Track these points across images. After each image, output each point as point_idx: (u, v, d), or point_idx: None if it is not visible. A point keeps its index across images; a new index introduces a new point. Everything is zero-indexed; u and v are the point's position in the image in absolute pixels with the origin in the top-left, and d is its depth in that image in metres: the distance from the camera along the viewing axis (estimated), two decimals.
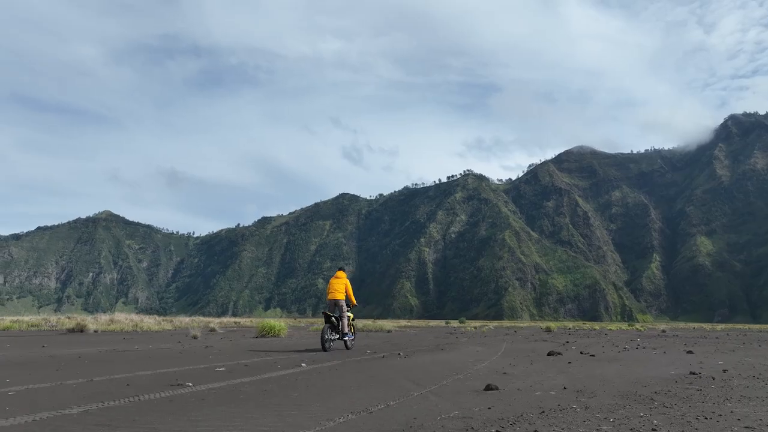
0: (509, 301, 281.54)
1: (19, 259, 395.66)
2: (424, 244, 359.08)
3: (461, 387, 7.39)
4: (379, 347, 16.02)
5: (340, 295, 14.82)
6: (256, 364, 9.93)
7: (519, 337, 25.39)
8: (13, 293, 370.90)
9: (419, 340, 21.67)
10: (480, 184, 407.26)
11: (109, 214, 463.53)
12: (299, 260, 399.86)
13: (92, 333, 22.47)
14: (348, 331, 14.80)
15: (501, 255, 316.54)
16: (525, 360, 11.91)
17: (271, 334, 21.18)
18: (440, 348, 16.10)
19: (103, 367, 9.03)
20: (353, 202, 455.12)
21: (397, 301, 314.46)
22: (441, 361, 11.64)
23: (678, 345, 19.29)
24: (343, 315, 14.64)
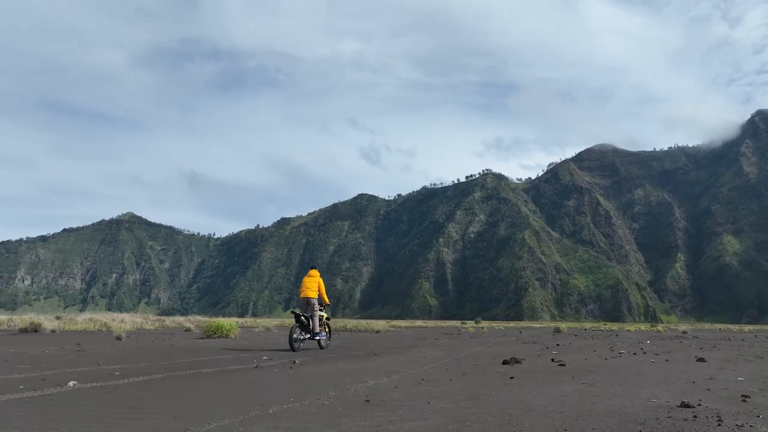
0: (529, 301, 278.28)
1: (46, 261, 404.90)
2: (443, 244, 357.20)
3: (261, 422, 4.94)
4: (317, 351, 14.28)
5: (312, 293, 14.53)
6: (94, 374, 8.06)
7: (510, 339, 23.74)
8: (40, 294, 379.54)
9: (390, 341, 20.01)
10: (499, 184, 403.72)
11: (131, 215, 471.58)
12: (318, 260, 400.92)
13: (48, 333, 20.97)
14: (320, 331, 14.43)
15: (521, 255, 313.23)
16: (458, 372, 9.20)
17: (218, 335, 19.41)
18: (384, 353, 13.90)
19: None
20: (371, 202, 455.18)
21: (416, 302, 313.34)
22: (347, 371, 9.25)
23: (691, 349, 16.80)
24: (315, 314, 14.23)
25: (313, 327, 14.13)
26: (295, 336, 13.51)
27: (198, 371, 8.80)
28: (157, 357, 11.33)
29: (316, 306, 14.42)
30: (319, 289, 14.78)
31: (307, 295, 14.56)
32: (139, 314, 28.12)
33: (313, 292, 14.61)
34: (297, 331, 13.72)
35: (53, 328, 22.56)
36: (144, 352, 12.60)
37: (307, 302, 14.49)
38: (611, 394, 6.83)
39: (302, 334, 13.98)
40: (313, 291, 14.64)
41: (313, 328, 14.12)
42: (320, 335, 14.36)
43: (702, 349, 17.05)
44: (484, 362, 11.28)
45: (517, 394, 6.72)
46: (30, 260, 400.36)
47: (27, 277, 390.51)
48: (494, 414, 5.37)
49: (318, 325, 14.24)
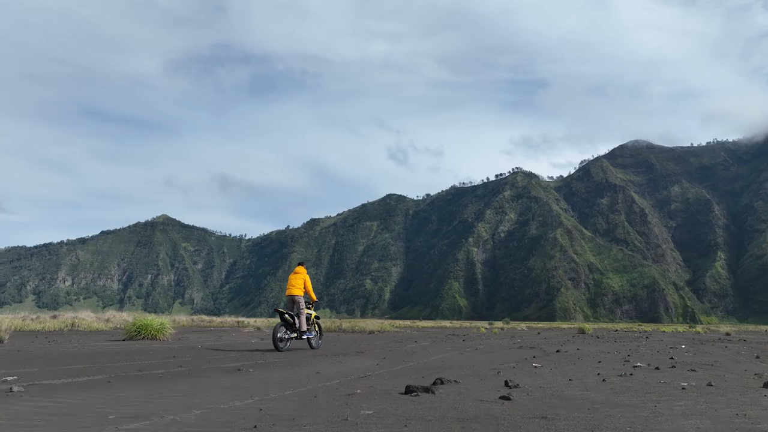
0: (562, 301, 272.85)
1: (85, 262, 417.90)
2: (473, 244, 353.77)
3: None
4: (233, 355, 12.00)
5: (297, 291, 13.88)
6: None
7: (509, 343, 20.36)
8: (80, 294, 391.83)
9: (356, 344, 17.23)
10: (529, 182, 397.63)
11: (166, 217, 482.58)
12: (347, 261, 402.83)
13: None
14: (307, 330, 13.87)
15: (552, 254, 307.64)
16: (291, 413, 5.39)
17: (143, 336, 16.43)
18: (294, 364, 10.46)
19: None
20: (400, 202, 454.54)
21: (446, 302, 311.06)
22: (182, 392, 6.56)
23: (741, 358, 13.02)
24: (301, 312, 13.64)
25: (299, 326, 13.52)
26: (279, 335, 12.98)
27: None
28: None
29: (302, 304, 13.79)
30: (305, 286, 14.15)
31: (292, 292, 13.90)
32: (126, 313, 28.08)
33: (298, 289, 13.95)
34: (281, 330, 13.16)
35: (7, 327, 18.95)
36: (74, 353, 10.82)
37: (292, 300, 13.85)
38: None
39: (287, 333, 13.39)
40: (299, 288, 13.98)
41: (299, 326, 13.51)
42: (308, 334, 13.81)
43: (759, 358, 13.17)
44: (389, 386, 7.27)
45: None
46: (70, 262, 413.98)
47: (68, 278, 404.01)
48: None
49: (305, 324, 13.66)
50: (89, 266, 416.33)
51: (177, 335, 19.34)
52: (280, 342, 12.96)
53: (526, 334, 32.14)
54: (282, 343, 13.03)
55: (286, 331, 13.32)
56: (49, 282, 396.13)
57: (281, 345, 12.99)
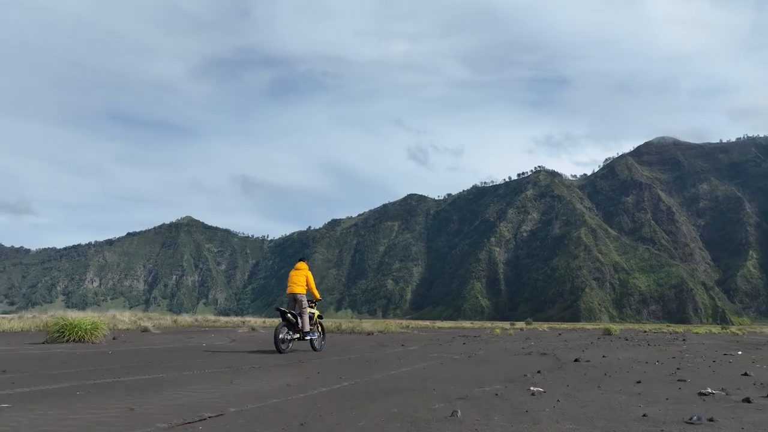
0: (586, 302, 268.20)
1: (112, 263, 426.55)
2: (495, 244, 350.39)
3: None
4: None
5: (299, 288, 13.00)
6: None
7: (517, 347, 17.34)
8: (107, 294, 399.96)
9: (329, 348, 14.89)
10: (552, 181, 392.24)
11: (190, 219, 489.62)
12: (368, 261, 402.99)
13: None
14: (310, 330, 13.01)
15: (577, 254, 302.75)
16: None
17: (67, 339, 13.68)
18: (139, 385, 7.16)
19: None
20: (421, 202, 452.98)
21: (468, 303, 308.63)
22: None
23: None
24: (304, 311, 12.78)
25: (302, 326, 12.68)
26: (281, 336, 12.16)
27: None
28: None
29: (304, 303, 12.96)
30: (307, 283, 13.25)
31: (294, 290, 13.02)
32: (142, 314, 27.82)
33: (300, 286, 13.06)
34: (284, 330, 12.32)
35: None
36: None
37: (294, 299, 13.00)
38: None
39: (290, 334, 12.54)
40: (301, 286, 13.09)
41: (302, 327, 12.68)
42: (311, 335, 12.98)
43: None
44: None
45: None
46: (98, 263, 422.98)
47: (95, 279, 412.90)
48: None
49: (308, 324, 12.86)
50: (116, 267, 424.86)
51: (136, 337, 16.67)
52: (282, 343, 12.12)
53: (545, 336, 28.14)
54: (284, 345, 12.22)
55: (288, 331, 12.50)
56: (78, 283, 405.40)
57: (283, 347, 12.15)
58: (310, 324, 13.15)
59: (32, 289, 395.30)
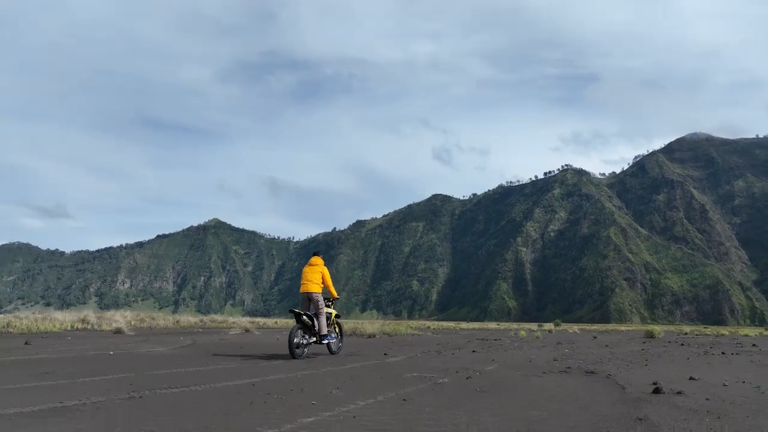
0: (616, 302, 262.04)
1: (142, 265, 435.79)
2: (521, 244, 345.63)
3: None
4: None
5: (314, 286, 11.63)
6: None
7: (547, 354, 13.76)
8: (138, 296, 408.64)
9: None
10: (580, 179, 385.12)
11: (217, 221, 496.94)
12: (393, 262, 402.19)
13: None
14: (328, 332, 11.69)
15: (606, 254, 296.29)
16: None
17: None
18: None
19: None
20: (446, 202, 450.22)
21: (494, 303, 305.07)
22: None
23: None
24: (320, 312, 11.45)
25: (319, 328, 11.35)
26: (296, 340, 10.83)
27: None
28: None
29: (321, 302, 11.57)
30: (323, 280, 11.88)
31: (308, 289, 11.63)
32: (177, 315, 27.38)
33: (315, 285, 11.69)
34: (299, 334, 10.99)
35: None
36: None
37: (308, 298, 11.61)
38: None
39: (305, 337, 11.18)
40: (316, 283, 11.71)
41: (319, 329, 11.35)
42: (329, 338, 11.67)
43: None
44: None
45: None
46: (129, 265, 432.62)
47: (126, 281, 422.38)
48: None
49: (325, 326, 11.51)
50: (146, 269, 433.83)
51: (57, 341, 14.02)
52: (297, 348, 10.77)
53: (579, 340, 23.50)
54: (299, 350, 10.87)
55: (303, 335, 11.16)
56: (109, 284, 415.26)
57: (298, 352, 10.81)
58: (327, 325, 11.89)
59: (67, 290, 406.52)
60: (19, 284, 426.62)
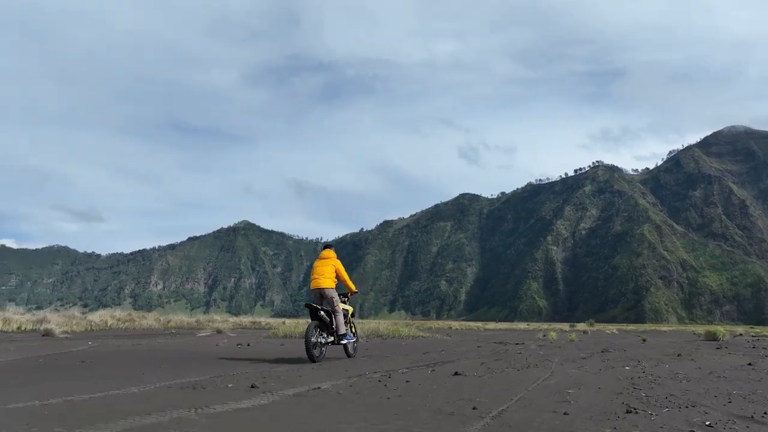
0: (652, 302, 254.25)
1: (174, 267, 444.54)
2: (552, 243, 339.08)
3: None
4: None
5: (327, 281, 10.03)
6: None
7: (616, 379, 7.23)
8: (171, 297, 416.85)
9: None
10: (612, 176, 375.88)
11: (246, 223, 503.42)
12: (421, 262, 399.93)
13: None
14: (346, 332, 10.03)
15: (640, 251, 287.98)
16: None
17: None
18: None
19: None
20: (474, 201, 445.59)
21: (524, 303, 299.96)
22: None
23: None
24: (337, 309, 9.90)
25: (336, 327, 9.82)
26: (314, 340, 9.27)
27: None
28: None
29: (335, 299, 9.98)
30: (337, 274, 10.29)
31: (320, 284, 9.98)
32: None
33: (328, 279, 10.04)
34: (315, 332, 9.42)
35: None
36: None
37: (320, 295, 10.00)
38: None
39: (322, 336, 9.67)
40: (328, 278, 10.06)
41: (336, 328, 9.82)
42: (348, 337, 10.09)
43: None
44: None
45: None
46: (161, 267, 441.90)
47: (159, 282, 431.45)
48: None
49: (343, 324, 9.93)
50: (178, 270, 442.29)
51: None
52: (314, 349, 9.21)
53: (629, 345, 16.81)
54: (317, 350, 9.34)
55: (320, 333, 9.64)
56: (143, 286, 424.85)
57: (317, 354, 9.26)
58: (345, 323, 10.23)
59: (103, 292, 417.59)
60: (58, 286, 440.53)
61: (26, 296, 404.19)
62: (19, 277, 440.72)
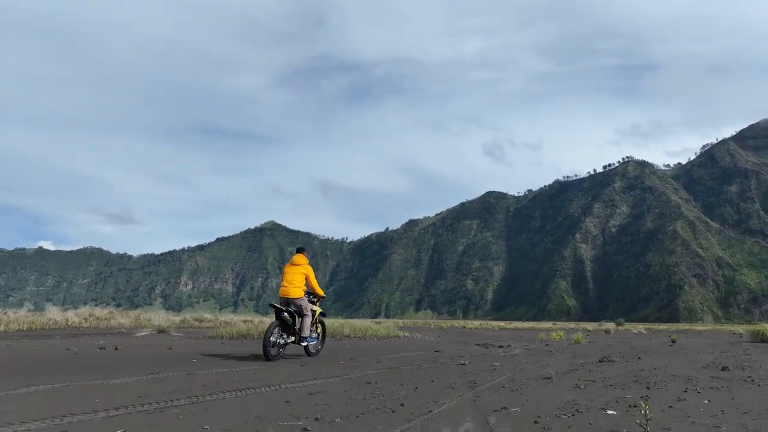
0: (686, 301, 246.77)
1: (203, 267, 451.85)
2: (580, 240, 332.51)
3: None
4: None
5: (295, 291, 10.21)
6: None
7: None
8: (200, 297, 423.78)
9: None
10: (642, 171, 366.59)
11: (273, 223, 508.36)
12: (447, 261, 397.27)
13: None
14: (309, 334, 10.34)
15: (673, 249, 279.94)
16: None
17: None
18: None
19: None
20: (500, 199, 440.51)
21: (552, 303, 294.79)
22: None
23: None
24: (305, 314, 10.19)
25: (301, 329, 10.11)
26: (273, 339, 9.67)
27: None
28: None
29: (303, 307, 10.21)
30: (307, 282, 10.55)
31: (289, 294, 10.18)
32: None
33: (296, 288, 10.24)
34: (276, 332, 9.80)
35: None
36: None
37: (287, 304, 10.21)
38: None
39: (282, 336, 10.00)
40: (297, 287, 10.26)
41: (300, 330, 10.11)
42: (309, 339, 10.39)
43: None
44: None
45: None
46: (191, 267, 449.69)
47: (189, 282, 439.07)
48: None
49: (308, 329, 10.23)
50: (207, 271, 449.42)
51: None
52: (272, 348, 9.67)
53: (645, 350, 13.44)
54: (275, 350, 9.75)
55: (281, 334, 10.01)
56: (173, 286, 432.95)
57: (273, 352, 9.68)
58: (312, 324, 10.68)
59: (135, 292, 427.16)
60: (92, 286, 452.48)
61: (63, 296, 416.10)
62: (56, 278, 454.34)
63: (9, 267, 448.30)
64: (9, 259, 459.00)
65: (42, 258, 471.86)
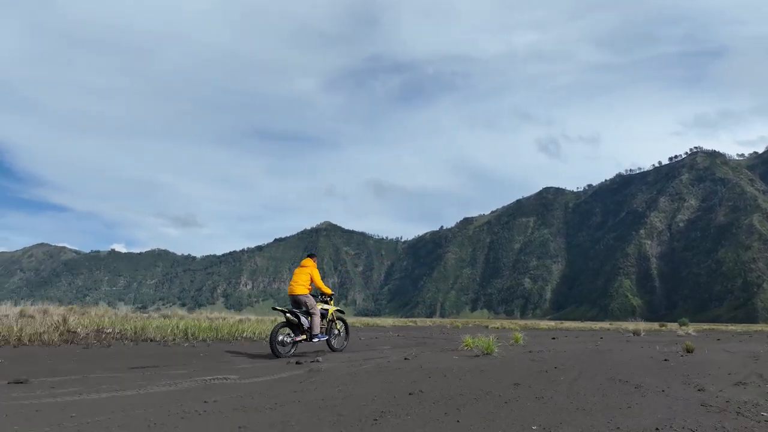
0: (764, 300, 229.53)
1: (262, 267, 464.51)
2: (645, 236, 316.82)
3: None
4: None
5: (300, 288, 11.14)
6: None
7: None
8: (259, 296, 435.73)
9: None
10: (713, 162, 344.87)
11: (328, 224, 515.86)
12: (503, 259, 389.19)
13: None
14: (320, 332, 11.09)
15: (749, 244, 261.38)
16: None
17: None
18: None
19: None
20: (558, 195, 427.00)
21: (615, 302, 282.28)
22: None
23: None
24: (313, 312, 11.01)
25: (311, 327, 10.89)
26: (280, 338, 10.49)
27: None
28: None
29: (309, 303, 11.01)
30: (312, 281, 11.32)
31: (294, 291, 11.08)
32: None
33: (301, 287, 11.11)
34: (283, 332, 10.63)
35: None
36: None
37: (295, 301, 11.08)
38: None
39: (290, 335, 10.72)
40: (302, 285, 11.13)
41: (311, 328, 10.89)
42: (320, 336, 11.07)
43: None
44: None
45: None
46: (250, 267, 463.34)
47: (248, 282, 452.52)
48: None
49: (318, 326, 10.93)
50: (265, 271, 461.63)
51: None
52: (281, 346, 10.40)
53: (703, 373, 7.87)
54: (284, 348, 10.46)
55: (289, 333, 10.75)
56: (234, 286, 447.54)
57: (282, 350, 10.37)
58: (326, 321, 11.51)
59: (198, 292, 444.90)
60: (159, 287, 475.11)
61: (133, 296, 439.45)
62: (127, 279, 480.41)
63: (86, 268, 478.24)
64: (86, 261, 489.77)
65: (114, 260, 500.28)
